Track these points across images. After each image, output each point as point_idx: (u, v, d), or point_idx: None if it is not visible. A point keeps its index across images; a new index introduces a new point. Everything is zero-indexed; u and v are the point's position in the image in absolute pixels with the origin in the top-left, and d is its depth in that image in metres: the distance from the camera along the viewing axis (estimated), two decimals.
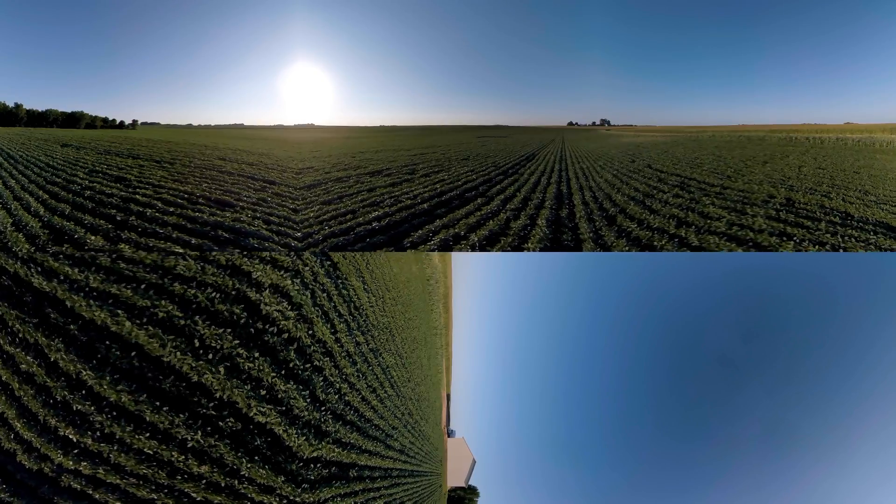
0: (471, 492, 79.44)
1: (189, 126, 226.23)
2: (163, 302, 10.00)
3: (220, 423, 9.63)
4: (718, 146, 69.88)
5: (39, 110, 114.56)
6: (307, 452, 10.47)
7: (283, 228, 17.13)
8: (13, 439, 9.71)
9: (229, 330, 9.93)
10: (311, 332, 11.42)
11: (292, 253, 12.42)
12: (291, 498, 10.00)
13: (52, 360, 9.88)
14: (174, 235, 15.09)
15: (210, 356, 9.66)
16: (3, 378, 10.22)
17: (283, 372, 10.45)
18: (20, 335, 10.28)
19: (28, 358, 9.89)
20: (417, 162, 40.05)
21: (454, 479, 72.03)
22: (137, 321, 9.84)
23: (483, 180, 30.84)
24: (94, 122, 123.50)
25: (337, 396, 12.42)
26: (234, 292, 10.38)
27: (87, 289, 10.38)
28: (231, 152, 44.43)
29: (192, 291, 10.16)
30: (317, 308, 11.96)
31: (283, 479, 9.88)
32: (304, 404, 10.65)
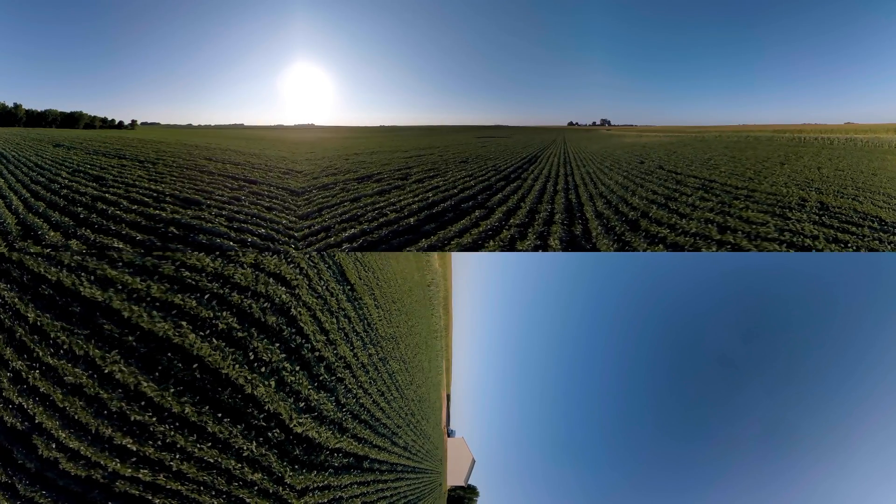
0: (470, 491, 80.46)
1: (189, 126, 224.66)
2: (224, 313, 10.70)
3: (269, 434, 10.62)
4: (727, 146, 67.75)
5: (38, 110, 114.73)
6: (332, 443, 12.45)
7: (245, 226, 16.88)
8: (55, 448, 9.77)
9: (278, 343, 11.14)
10: (335, 351, 13.41)
11: (319, 282, 13.68)
12: (326, 485, 12.04)
13: (106, 371, 10.12)
14: (124, 232, 15.30)
15: (262, 369, 10.68)
16: (42, 389, 10.15)
17: (315, 384, 12.04)
18: (65, 347, 10.30)
19: (76, 370, 10.04)
20: (412, 165, 37.42)
21: (454, 478, 73.01)
22: (201, 333, 10.51)
23: (482, 187, 27.93)
24: (92, 123, 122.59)
25: (354, 400, 14.46)
26: (282, 305, 11.52)
27: (148, 298, 10.74)
28: (220, 152, 43.92)
29: (248, 302, 11.07)
30: (340, 331, 14.11)
31: (314, 473, 11.43)
32: (332, 407, 12.58)
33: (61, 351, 10.26)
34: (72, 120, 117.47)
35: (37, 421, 9.91)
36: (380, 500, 18.87)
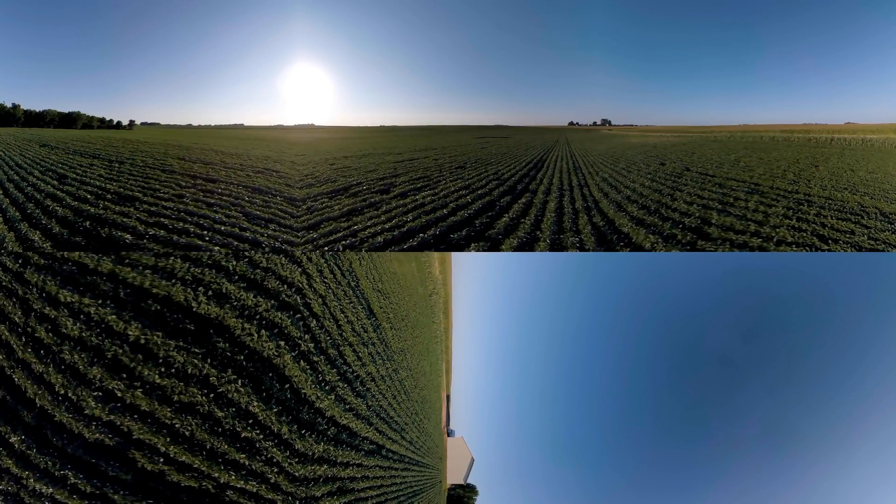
0: (470, 490, 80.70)
1: (189, 126, 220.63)
2: (307, 336, 12.61)
3: (326, 428, 13.42)
4: (746, 147, 65.23)
5: (37, 111, 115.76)
6: (363, 433, 16.34)
7: (161, 220, 16.63)
8: (162, 462, 10.21)
9: (335, 370, 14.07)
10: (365, 370, 16.93)
11: (353, 314, 16.53)
12: (358, 463, 15.97)
13: (220, 391, 10.77)
14: (50, 226, 15.85)
15: (328, 390, 13.38)
16: (143, 407, 10.31)
17: (354, 393, 15.52)
18: (177, 365, 10.62)
19: (191, 389, 10.55)
20: (400, 172, 32.37)
21: (453, 476, 73.56)
22: (293, 353, 12.11)
23: (481, 206, 21.55)
24: (90, 123, 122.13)
25: (376, 403, 18.28)
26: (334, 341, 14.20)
27: (257, 317, 11.61)
28: (200, 152, 43.29)
29: (328, 323, 13.58)
30: (368, 355, 17.56)
31: (356, 453, 15.62)
32: (365, 408, 16.38)
33: (172, 370, 10.59)
34: (70, 120, 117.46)
35: (134, 437, 10.11)
36: (392, 483, 22.95)
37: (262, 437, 11.02)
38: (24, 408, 10.20)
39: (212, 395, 10.66)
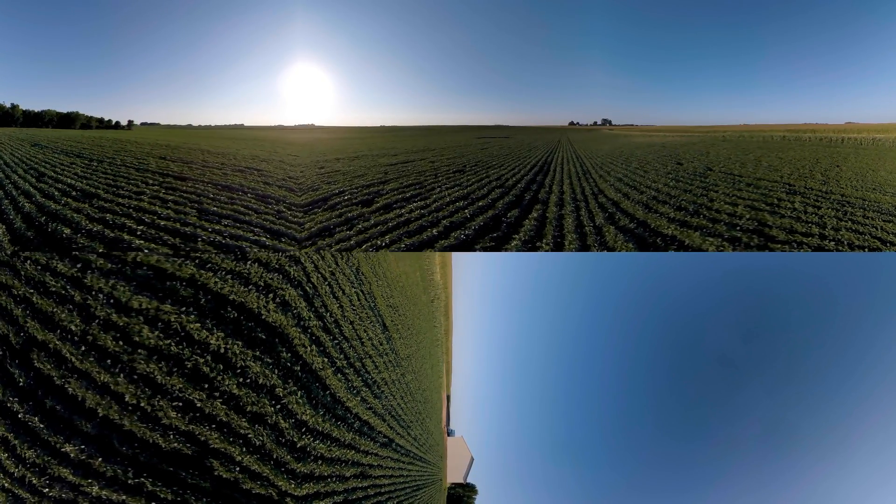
0: (469, 489, 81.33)
1: (189, 126, 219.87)
2: (341, 354, 14.64)
3: (357, 425, 15.81)
4: (761, 147, 63.91)
5: (36, 111, 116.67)
6: (379, 427, 18.51)
7: (106, 216, 16.41)
8: (237, 471, 10.50)
9: (360, 379, 16.38)
10: (381, 376, 19.23)
11: (374, 334, 19.05)
12: (375, 452, 18.14)
13: (284, 401, 11.33)
14: (14, 220, 16.28)
15: (354, 393, 15.51)
16: (220, 417, 10.49)
17: (372, 395, 17.68)
18: (252, 375, 10.81)
19: (262, 399, 10.90)
20: (391, 178, 29.21)
21: (453, 475, 74.36)
22: (333, 367, 13.76)
23: (483, 223, 18.00)
24: (89, 123, 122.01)
25: (388, 402, 20.43)
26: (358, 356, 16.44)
27: (309, 330, 12.65)
28: (185, 152, 42.91)
29: (355, 344, 16.05)
30: (384, 364, 20.13)
31: (373, 443, 17.83)
32: (381, 406, 18.88)
33: (247, 380, 10.79)
34: (68, 121, 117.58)
35: (212, 446, 10.32)
36: (400, 475, 24.86)
37: (312, 441, 12.20)
38: (82, 417, 10.09)
39: (278, 406, 11.12)
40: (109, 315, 10.42)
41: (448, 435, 77.60)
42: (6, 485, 10.07)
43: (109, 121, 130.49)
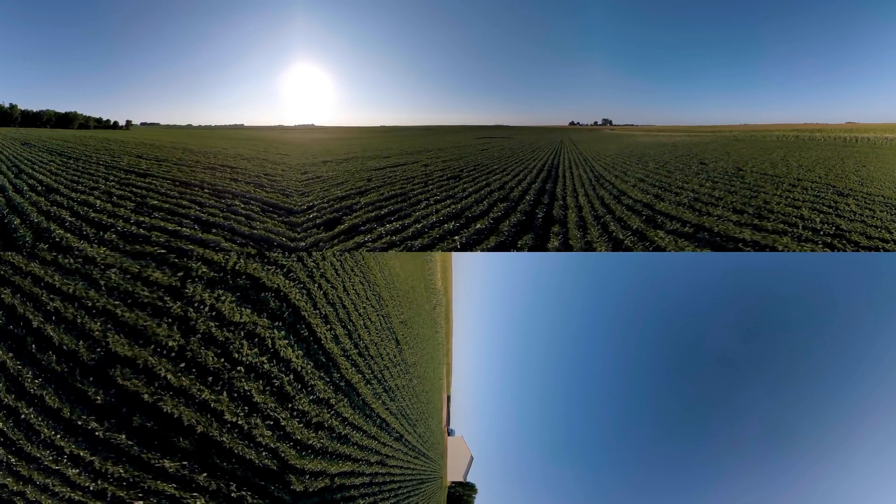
0: (469, 488, 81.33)
1: (189, 126, 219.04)
2: (369, 370, 17.15)
3: (380, 426, 18.88)
4: (779, 146, 62.00)
5: (34, 111, 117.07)
6: (392, 423, 20.81)
7: (54, 209, 16.72)
8: (307, 478, 11.86)
9: (381, 387, 19.33)
10: (395, 382, 21.99)
11: (387, 348, 21.33)
12: (391, 445, 20.93)
13: (336, 408, 13.74)
14: None
15: (376, 396, 18.10)
16: (296, 436, 11.76)
17: (389, 397, 20.54)
18: (317, 393, 12.70)
19: (323, 410, 12.92)
20: (372, 187, 25.15)
21: (453, 474, 75.07)
22: (365, 380, 16.72)
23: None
24: (87, 123, 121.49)
25: (399, 403, 22.92)
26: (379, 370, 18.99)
27: (348, 353, 15.52)
28: (168, 151, 42.71)
29: (378, 360, 18.56)
30: (399, 372, 23.23)
31: (389, 436, 20.34)
32: (394, 407, 21.48)
33: (313, 397, 12.25)
34: (66, 120, 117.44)
35: (289, 462, 11.27)
36: (407, 468, 27.01)
37: (353, 432, 14.86)
38: (178, 434, 10.28)
39: (332, 413, 13.19)
40: (210, 328, 10.67)
41: (448, 435, 77.95)
42: (79, 497, 10.01)
43: (108, 121, 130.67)
